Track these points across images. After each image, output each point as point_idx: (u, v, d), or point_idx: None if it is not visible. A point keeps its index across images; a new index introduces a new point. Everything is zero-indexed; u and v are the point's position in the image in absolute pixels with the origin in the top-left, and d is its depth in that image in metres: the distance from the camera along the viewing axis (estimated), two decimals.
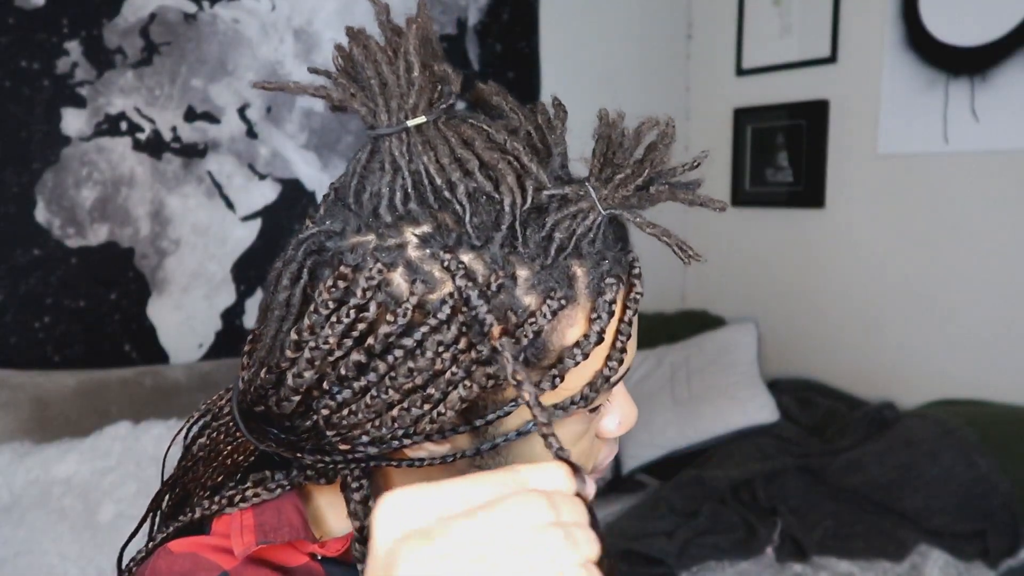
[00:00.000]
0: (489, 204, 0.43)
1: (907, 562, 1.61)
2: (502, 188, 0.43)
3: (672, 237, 0.46)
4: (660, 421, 2.16)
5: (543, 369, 0.44)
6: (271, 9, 1.93)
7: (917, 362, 2.16)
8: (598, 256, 0.45)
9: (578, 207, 0.43)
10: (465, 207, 0.42)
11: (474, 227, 0.42)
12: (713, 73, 2.65)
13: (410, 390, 0.43)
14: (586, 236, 0.44)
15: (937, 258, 2.11)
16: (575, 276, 0.44)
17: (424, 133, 0.43)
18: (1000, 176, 1.97)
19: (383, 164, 0.43)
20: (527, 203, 0.43)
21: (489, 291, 0.42)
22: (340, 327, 0.42)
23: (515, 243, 0.43)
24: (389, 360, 0.42)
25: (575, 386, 0.46)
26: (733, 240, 2.65)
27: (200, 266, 1.90)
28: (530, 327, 0.42)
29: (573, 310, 0.44)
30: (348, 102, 0.44)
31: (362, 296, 0.42)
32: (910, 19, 2.08)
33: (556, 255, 0.43)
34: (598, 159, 0.45)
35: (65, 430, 1.58)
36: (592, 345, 0.44)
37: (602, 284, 0.44)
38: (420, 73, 0.43)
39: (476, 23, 2.21)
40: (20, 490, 1.45)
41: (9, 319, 1.68)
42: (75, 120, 1.72)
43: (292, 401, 0.45)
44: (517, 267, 0.43)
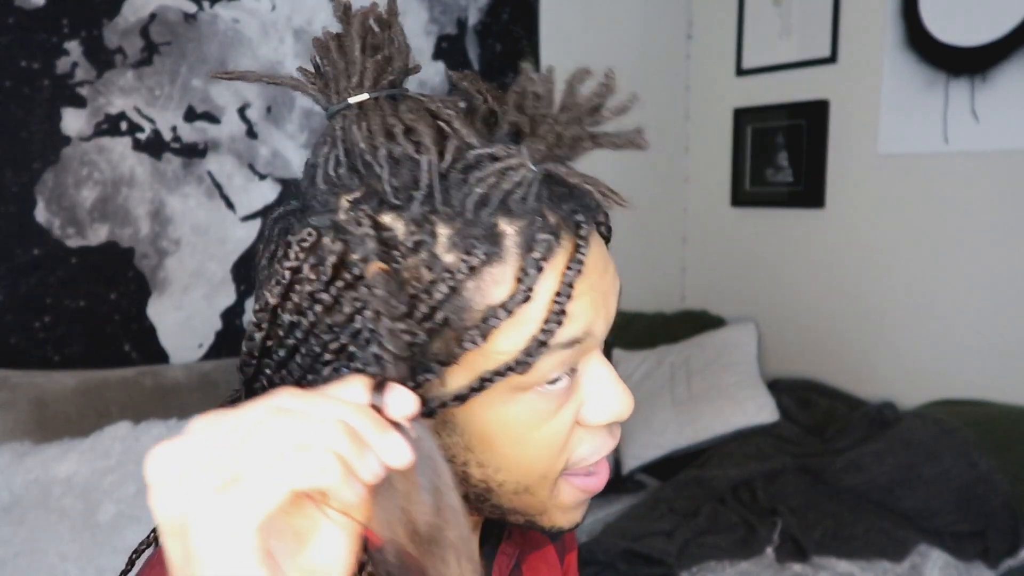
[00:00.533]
0: (410, 165, 0.43)
1: (907, 562, 1.61)
2: (420, 148, 0.44)
3: (599, 184, 0.45)
4: (660, 421, 2.16)
5: (467, 329, 0.43)
6: (271, 9, 1.93)
7: (917, 362, 2.16)
8: (532, 214, 0.44)
9: (506, 163, 0.43)
10: (384, 168, 0.43)
11: (392, 187, 0.43)
12: (713, 73, 2.65)
13: (337, 350, 0.44)
14: (514, 193, 0.43)
15: (937, 258, 2.11)
16: (503, 234, 0.43)
17: (364, 107, 0.45)
18: (1000, 176, 1.97)
19: (326, 139, 0.46)
20: (446, 161, 0.43)
21: (402, 248, 0.43)
22: (278, 289, 0.44)
23: (434, 202, 0.43)
24: (310, 317, 0.44)
25: (511, 349, 0.44)
26: (733, 240, 2.65)
27: (200, 266, 1.90)
28: (446, 283, 0.42)
29: (499, 268, 0.43)
30: (303, 88, 0.47)
31: (295, 259, 0.44)
32: (910, 19, 2.08)
33: (476, 211, 0.43)
34: (527, 115, 0.44)
35: (65, 430, 1.58)
36: (517, 303, 0.43)
37: (533, 242, 0.43)
38: (362, 54, 0.45)
39: (476, 23, 2.21)
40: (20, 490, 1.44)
41: (9, 319, 1.68)
42: (75, 120, 1.72)
43: (251, 366, 0.47)
44: (438, 225, 0.43)
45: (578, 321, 0.45)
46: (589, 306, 0.46)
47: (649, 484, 2.14)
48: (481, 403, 0.45)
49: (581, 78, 0.45)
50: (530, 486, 0.48)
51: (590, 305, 0.46)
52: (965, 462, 1.73)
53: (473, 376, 0.45)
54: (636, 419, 2.18)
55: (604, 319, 0.48)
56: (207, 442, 0.34)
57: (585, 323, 0.46)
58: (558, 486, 0.50)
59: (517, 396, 0.46)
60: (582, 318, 0.46)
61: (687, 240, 2.81)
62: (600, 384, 0.49)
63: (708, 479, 1.89)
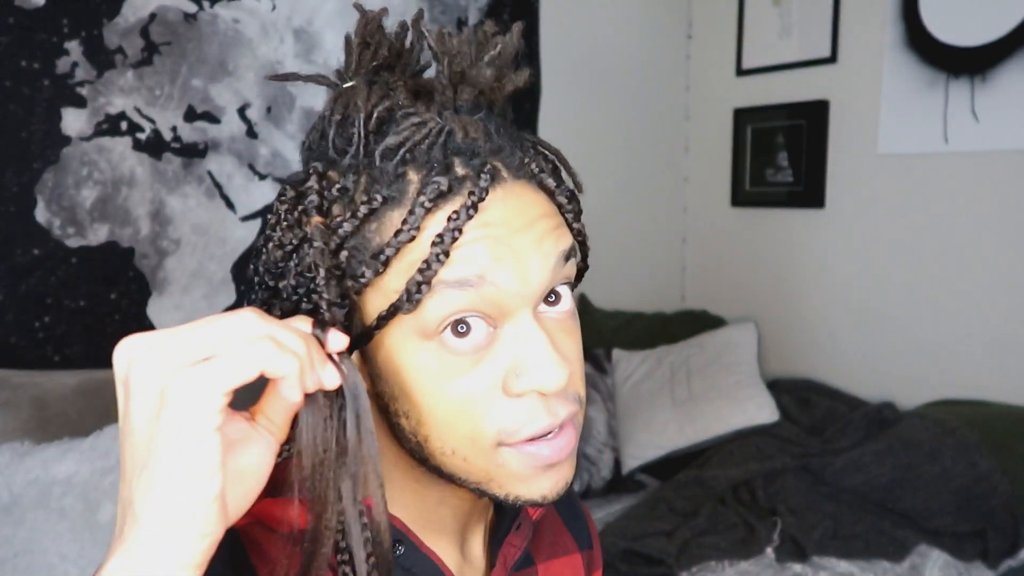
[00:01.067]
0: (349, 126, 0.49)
1: (907, 562, 1.61)
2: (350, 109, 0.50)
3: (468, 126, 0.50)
4: (660, 421, 2.16)
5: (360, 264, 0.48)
6: (271, 9, 1.93)
7: (917, 362, 2.16)
8: (435, 163, 0.48)
9: (421, 118, 0.48)
10: (331, 129, 0.50)
11: (333, 144, 0.50)
12: (713, 73, 2.65)
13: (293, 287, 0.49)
14: (421, 144, 0.48)
15: (937, 258, 2.11)
16: (408, 181, 0.48)
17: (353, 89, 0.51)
18: (1000, 176, 1.97)
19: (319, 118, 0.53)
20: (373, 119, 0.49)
21: (332, 193, 0.49)
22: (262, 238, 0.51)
23: (359, 155, 0.49)
24: (264, 254, 0.50)
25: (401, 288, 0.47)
26: (733, 240, 2.65)
27: (200, 266, 1.90)
28: (349, 222, 0.47)
29: (399, 212, 0.48)
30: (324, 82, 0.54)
31: (273, 213, 0.51)
32: (910, 19, 2.08)
33: (383, 160, 0.48)
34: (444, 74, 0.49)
35: (65, 430, 1.58)
36: (402, 241, 0.46)
37: (426, 186, 0.47)
38: (358, 47, 0.51)
39: (476, 23, 2.21)
40: (20, 490, 1.44)
41: (9, 319, 1.68)
42: (75, 120, 1.72)
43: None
44: (362, 175, 0.49)
45: (468, 264, 0.46)
46: (486, 253, 0.47)
47: (649, 484, 2.15)
48: (393, 348, 0.49)
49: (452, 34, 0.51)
50: (457, 448, 0.49)
51: (487, 253, 0.47)
52: (965, 462, 1.73)
53: (374, 312, 0.49)
54: (636, 419, 2.18)
55: (514, 274, 0.47)
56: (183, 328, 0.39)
57: (478, 268, 0.46)
58: (500, 455, 0.49)
59: (423, 344, 0.48)
60: (474, 262, 0.46)
61: (687, 240, 2.81)
62: (526, 350, 0.48)
63: (708, 479, 1.89)
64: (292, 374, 0.40)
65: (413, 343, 0.48)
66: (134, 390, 0.39)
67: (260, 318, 0.41)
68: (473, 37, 0.51)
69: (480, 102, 0.50)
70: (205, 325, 0.40)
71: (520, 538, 0.60)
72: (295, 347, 0.41)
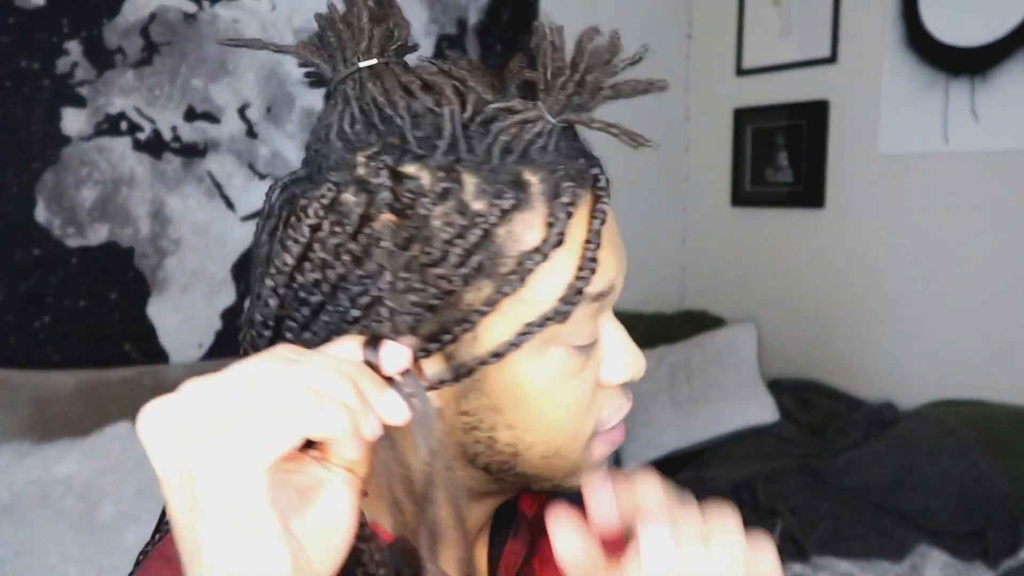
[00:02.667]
0: (431, 117, 0.44)
1: (907, 562, 1.61)
2: (442, 100, 0.44)
3: (619, 127, 0.46)
4: (660, 421, 2.16)
5: (502, 276, 0.44)
6: (271, 9, 1.93)
7: (917, 362, 2.16)
8: (552, 165, 0.45)
9: (524, 115, 0.44)
10: (406, 119, 0.44)
11: (416, 138, 0.44)
12: (713, 73, 2.65)
13: (367, 303, 0.43)
14: (534, 143, 0.44)
15: (937, 258, 2.11)
16: (528, 182, 0.44)
17: (375, 70, 0.46)
18: (1000, 176, 1.97)
19: (337, 102, 0.46)
20: (467, 112, 0.44)
21: (432, 195, 0.43)
22: (297, 248, 0.44)
23: (459, 151, 0.44)
24: (339, 269, 0.43)
25: (547, 300, 0.45)
26: (733, 240, 2.65)
27: (200, 266, 1.90)
28: (479, 227, 0.43)
29: (528, 214, 0.44)
30: (307, 56, 0.47)
31: (315, 217, 0.44)
32: (910, 19, 2.08)
33: (502, 158, 0.44)
34: (542, 72, 0.46)
35: (65, 430, 1.58)
36: (551, 246, 0.44)
37: (558, 189, 0.45)
38: (369, 22, 0.46)
39: (476, 23, 2.21)
40: (20, 490, 1.44)
41: (9, 319, 1.68)
42: (75, 120, 1.72)
43: (264, 337, 0.46)
44: (464, 174, 0.44)
45: (606, 272, 0.47)
46: (612, 258, 0.47)
47: None
48: (513, 360, 0.45)
49: (591, 36, 0.47)
50: (560, 448, 0.48)
51: (613, 257, 0.47)
52: (965, 462, 1.73)
53: (510, 329, 0.45)
54: (636, 419, 2.18)
55: (622, 275, 0.49)
56: (206, 392, 0.33)
57: (610, 275, 0.47)
58: (592, 446, 0.50)
59: (548, 351, 0.46)
60: (609, 269, 0.47)
61: (687, 240, 2.81)
62: (616, 343, 0.49)
63: (708, 479, 1.89)
64: (343, 433, 0.34)
65: (536, 352, 0.45)
66: (159, 473, 0.33)
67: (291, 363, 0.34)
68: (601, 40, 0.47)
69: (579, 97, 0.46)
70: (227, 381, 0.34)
71: (519, 543, 0.60)
72: (343, 396, 0.34)
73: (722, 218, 2.68)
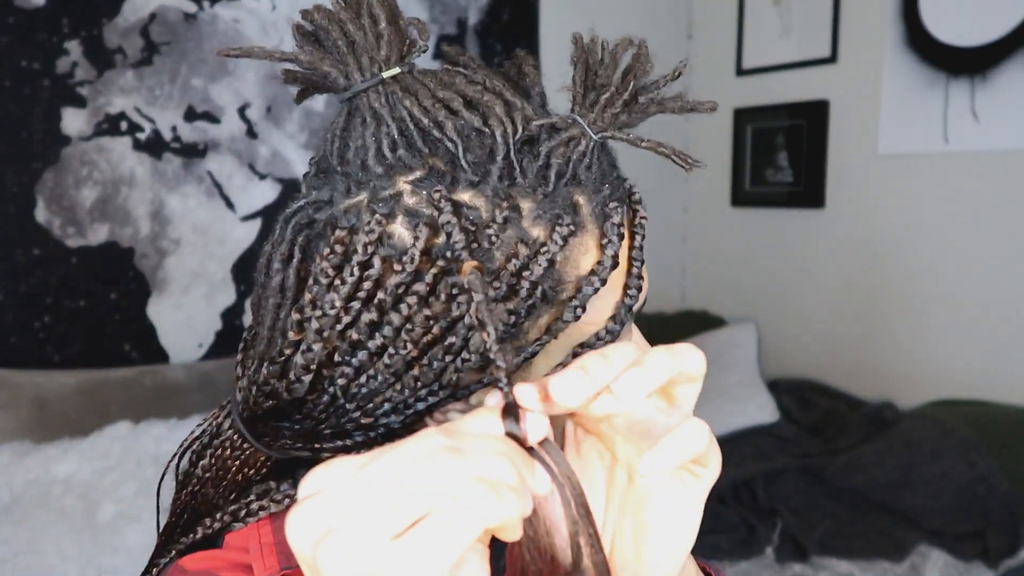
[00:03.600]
0: (480, 138, 0.42)
1: (907, 562, 1.61)
2: (491, 120, 0.42)
3: (667, 147, 0.45)
4: None
5: (562, 302, 0.43)
6: (271, 9, 1.93)
7: (917, 362, 2.16)
8: (597, 183, 0.44)
9: (569, 134, 0.43)
10: (457, 143, 0.41)
11: (469, 163, 0.41)
12: (713, 73, 2.65)
13: (429, 342, 0.41)
14: (582, 162, 0.43)
15: (937, 258, 2.11)
16: (578, 204, 0.43)
17: (401, 82, 0.42)
18: (1000, 176, 1.97)
19: (364, 119, 0.42)
20: (519, 133, 0.42)
21: (494, 226, 0.40)
22: (345, 288, 0.41)
23: (513, 175, 0.42)
24: (403, 311, 0.40)
25: (599, 320, 0.44)
26: (733, 240, 2.65)
27: (200, 266, 1.90)
28: (543, 257, 0.41)
29: (583, 237, 0.43)
30: (317, 65, 0.43)
31: (364, 253, 0.40)
32: (910, 19, 2.08)
33: (556, 182, 0.42)
34: (579, 85, 0.44)
35: (65, 430, 1.58)
36: (608, 270, 0.43)
37: (607, 209, 0.44)
38: (388, 25, 0.43)
39: (476, 23, 2.21)
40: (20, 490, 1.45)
41: (9, 319, 1.68)
42: (75, 120, 1.72)
43: (303, 382, 0.43)
44: (519, 199, 0.42)
45: (646, 287, 0.47)
46: (647, 276, 0.47)
47: None
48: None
49: (625, 47, 0.45)
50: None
51: (647, 276, 0.48)
52: (965, 462, 1.73)
53: (561, 353, 0.44)
54: None
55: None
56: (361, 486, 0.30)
57: (646, 291, 0.47)
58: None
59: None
60: (647, 284, 0.47)
61: (687, 240, 2.81)
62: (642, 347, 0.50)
63: None
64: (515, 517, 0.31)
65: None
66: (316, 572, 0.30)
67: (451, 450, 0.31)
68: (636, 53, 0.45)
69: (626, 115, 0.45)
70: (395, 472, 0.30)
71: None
72: (510, 479, 0.31)
73: (722, 218, 2.68)
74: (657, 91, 0.45)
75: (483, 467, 0.31)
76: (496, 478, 0.31)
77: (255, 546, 0.47)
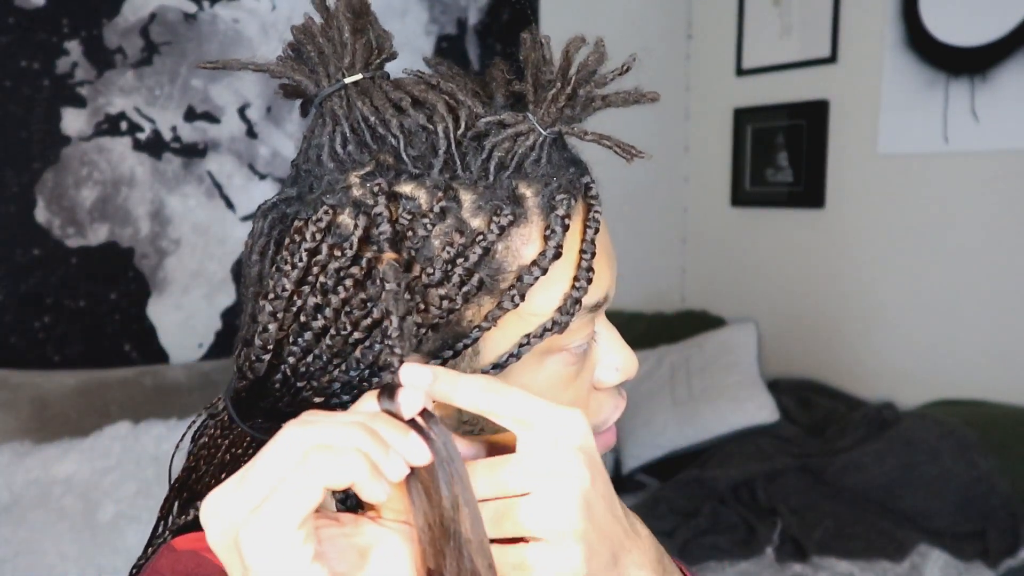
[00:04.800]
0: (424, 134, 0.44)
1: (907, 562, 1.61)
2: (434, 117, 0.44)
3: (612, 139, 0.46)
4: (660, 421, 2.16)
5: (502, 291, 0.44)
6: (271, 9, 1.93)
7: (917, 362, 2.16)
8: (546, 177, 0.45)
9: (516, 129, 0.44)
10: (399, 139, 0.44)
11: (410, 157, 0.44)
12: (713, 73, 2.65)
13: (369, 325, 0.44)
14: (528, 156, 0.45)
15: (937, 258, 2.11)
16: (523, 196, 0.45)
17: (361, 86, 0.46)
18: (1000, 176, 1.97)
19: (324, 120, 0.46)
20: (461, 128, 0.44)
21: (431, 215, 0.43)
22: (295, 273, 0.44)
23: (455, 169, 0.44)
24: (341, 294, 0.44)
25: (545, 311, 0.46)
26: (733, 240, 2.65)
27: (200, 266, 1.90)
28: (479, 245, 0.43)
29: (525, 228, 0.45)
30: (289, 73, 0.46)
31: (312, 240, 0.44)
32: (910, 19, 2.08)
33: (497, 173, 0.44)
34: (530, 83, 0.46)
35: (65, 430, 1.58)
36: (549, 259, 0.44)
37: (553, 201, 0.45)
38: (352, 35, 0.46)
39: (476, 23, 2.21)
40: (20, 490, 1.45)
41: (9, 319, 1.69)
42: (75, 120, 1.72)
43: (263, 361, 0.46)
44: (460, 191, 0.44)
45: (601, 281, 0.47)
46: (606, 266, 0.48)
47: (649, 484, 2.14)
48: (512, 369, 0.46)
49: (577, 46, 0.46)
50: None
51: (606, 266, 0.48)
52: (965, 462, 1.73)
53: (510, 341, 0.45)
54: (636, 419, 2.18)
55: (614, 282, 0.50)
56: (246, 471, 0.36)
57: (605, 284, 0.48)
58: None
59: (546, 360, 0.47)
60: (604, 278, 0.48)
61: (687, 240, 2.81)
62: (610, 346, 0.51)
63: (708, 479, 1.89)
64: (362, 476, 0.35)
65: (535, 361, 0.47)
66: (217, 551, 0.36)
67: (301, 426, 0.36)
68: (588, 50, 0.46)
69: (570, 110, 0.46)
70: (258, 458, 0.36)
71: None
72: (354, 442, 0.35)
73: (722, 218, 2.68)
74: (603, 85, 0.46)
75: (324, 435, 0.35)
76: (338, 443, 0.35)
77: None
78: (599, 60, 0.46)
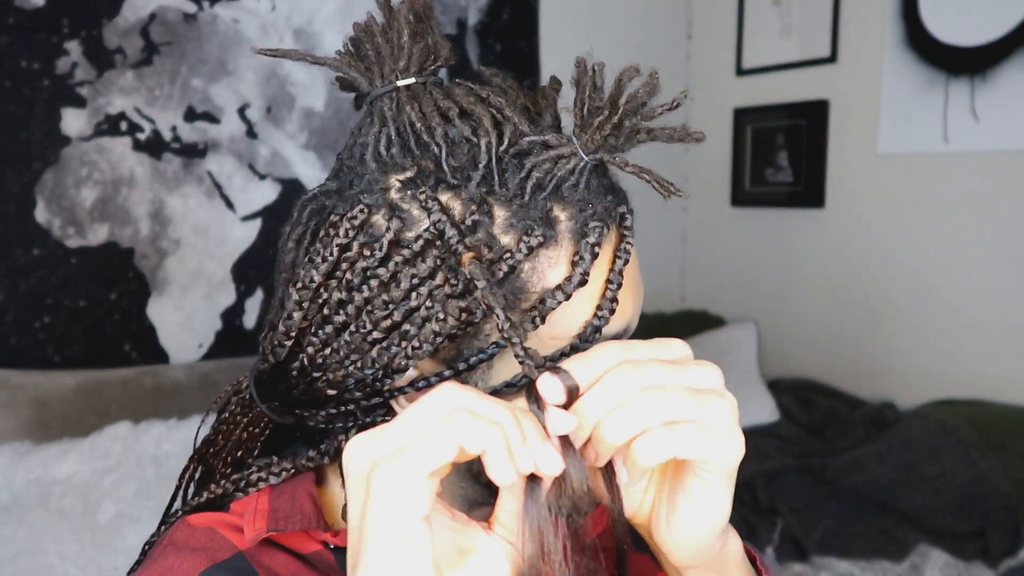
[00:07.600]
0: (467, 146, 0.45)
1: (907, 562, 1.61)
2: (479, 130, 0.44)
3: (652, 174, 0.47)
4: None
5: (523, 311, 0.44)
6: (271, 9, 1.93)
7: (917, 362, 2.16)
8: (582, 203, 0.45)
9: (559, 151, 0.44)
10: (442, 148, 0.44)
11: (451, 167, 0.44)
12: (713, 73, 2.65)
13: (389, 327, 0.45)
14: (567, 180, 0.44)
15: (937, 258, 2.11)
16: (556, 219, 0.45)
17: (412, 90, 0.46)
18: (1000, 176, 1.97)
19: (373, 120, 0.46)
20: (504, 145, 0.44)
21: (464, 227, 0.43)
22: (324, 266, 0.45)
23: (492, 183, 0.44)
24: (365, 292, 0.44)
25: (564, 335, 0.45)
26: (733, 240, 2.65)
27: (200, 266, 1.90)
28: (506, 263, 0.43)
29: (554, 251, 0.44)
30: (345, 70, 0.48)
31: (344, 236, 0.45)
32: (910, 19, 2.08)
33: (533, 194, 0.44)
34: (579, 108, 0.46)
35: (65, 430, 1.58)
36: (574, 286, 0.44)
37: (586, 228, 0.45)
38: (410, 39, 0.47)
39: (476, 23, 2.21)
40: (20, 490, 1.45)
41: (9, 319, 1.68)
42: (75, 120, 1.72)
43: (284, 347, 0.48)
44: (495, 207, 0.44)
45: (624, 313, 0.47)
46: (631, 299, 0.48)
47: None
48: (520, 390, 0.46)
49: (631, 75, 0.47)
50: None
51: (631, 298, 0.48)
52: (965, 462, 1.73)
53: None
54: None
55: (638, 314, 0.49)
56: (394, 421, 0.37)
57: (627, 316, 0.48)
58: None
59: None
60: (626, 310, 0.47)
61: (687, 240, 2.81)
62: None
63: None
64: (496, 449, 0.36)
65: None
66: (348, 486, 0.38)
67: (458, 389, 0.37)
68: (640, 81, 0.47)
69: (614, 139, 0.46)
70: (409, 409, 0.37)
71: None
72: (497, 416, 0.37)
73: (722, 218, 2.68)
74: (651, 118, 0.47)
75: (474, 402, 0.37)
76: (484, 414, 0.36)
77: (250, 511, 0.52)
78: (650, 92, 0.46)
